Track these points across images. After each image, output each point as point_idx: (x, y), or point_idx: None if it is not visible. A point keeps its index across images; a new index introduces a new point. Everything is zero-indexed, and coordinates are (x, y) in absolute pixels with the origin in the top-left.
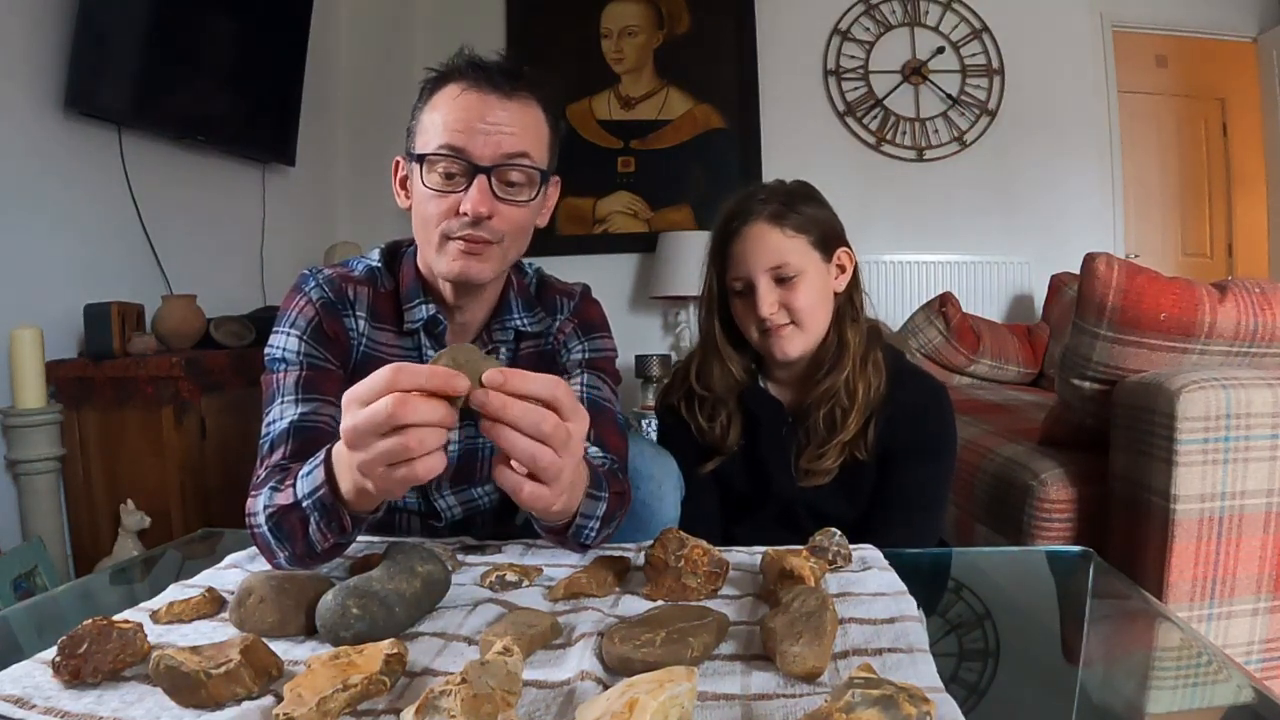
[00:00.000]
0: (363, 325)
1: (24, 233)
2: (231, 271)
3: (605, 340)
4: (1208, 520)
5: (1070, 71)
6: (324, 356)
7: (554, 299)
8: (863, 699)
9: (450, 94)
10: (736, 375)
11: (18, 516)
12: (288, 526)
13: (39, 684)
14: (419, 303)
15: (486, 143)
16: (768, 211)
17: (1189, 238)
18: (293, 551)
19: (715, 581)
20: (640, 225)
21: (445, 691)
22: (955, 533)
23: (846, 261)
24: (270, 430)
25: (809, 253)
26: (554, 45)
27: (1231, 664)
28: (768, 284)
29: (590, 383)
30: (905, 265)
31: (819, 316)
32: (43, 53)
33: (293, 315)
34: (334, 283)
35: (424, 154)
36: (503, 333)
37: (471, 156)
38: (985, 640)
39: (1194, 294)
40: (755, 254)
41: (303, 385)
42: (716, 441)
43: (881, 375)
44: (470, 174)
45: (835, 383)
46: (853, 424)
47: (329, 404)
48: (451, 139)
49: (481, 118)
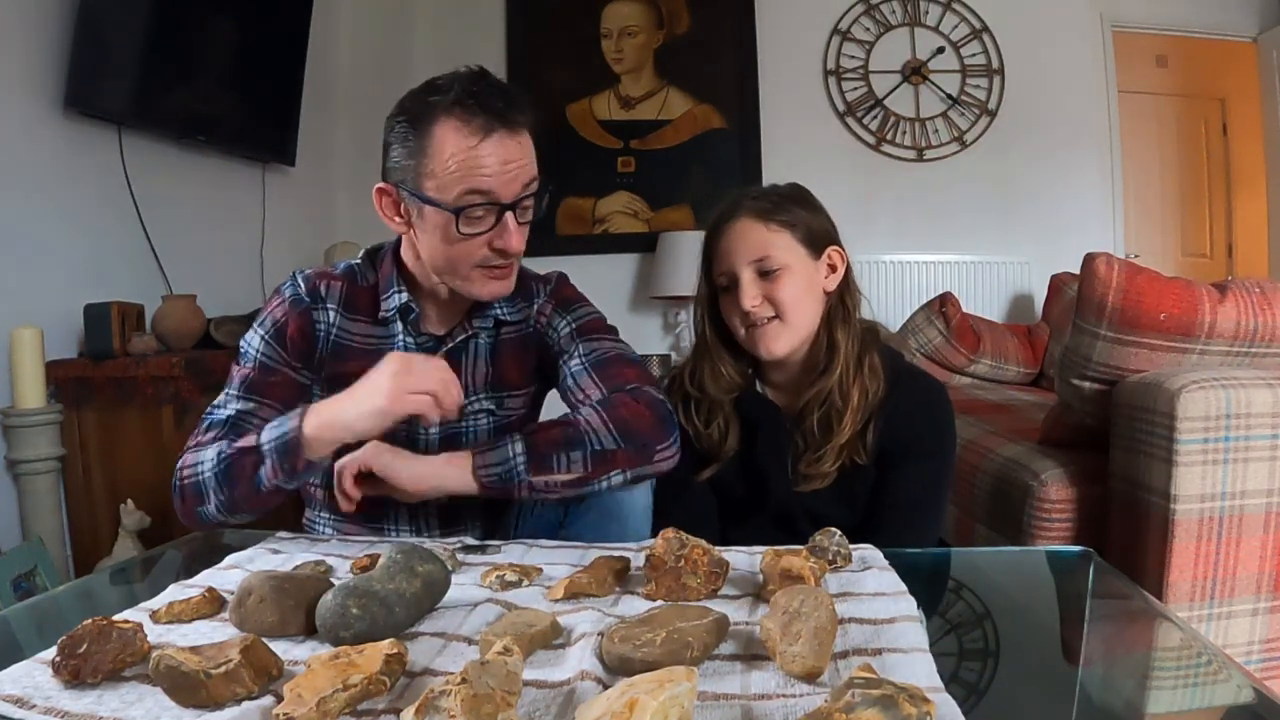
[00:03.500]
0: (333, 316)
1: (24, 233)
2: (231, 271)
3: (587, 307)
4: (1208, 520)
5: (1070, 71)
6: (279, 357)
7: (530, 286)
8: (863, 699)
9: (460, 135)
10: (730, 378)
11: (18, 516)
12: (237, 469)
13: (39, 684)
14: (394, 292)
15: (512, 182)
16: (754, 208)
17: (1189, 238)
18: (230, 496)
19: (715, 581)
20: (640, 225)
21: (445, 691)
22: (955, 533)
23: (838, 261)
24: (214, 413)
25: (794, 247)
26: (554, 45)
27: (1231, 664)
28: (750, 276)
29: (587, 349)
30: (905, 265)
31: (804, 312)
32: (43, 53)
33: (264, 315)
34: (310, 280)
35: (455, 208)
36: (483, 320)
37: (500, 198)
38: (985, 640)
39: (1194, 294)
40: (738, 247)
41: (249, 385)
42: (713, 446)
43: (879, 379)
44: (496, 211)
45: (828, 385)
46: (848, 427)
47: (266, 406)
48: (481, 185)
49: (504, 160)
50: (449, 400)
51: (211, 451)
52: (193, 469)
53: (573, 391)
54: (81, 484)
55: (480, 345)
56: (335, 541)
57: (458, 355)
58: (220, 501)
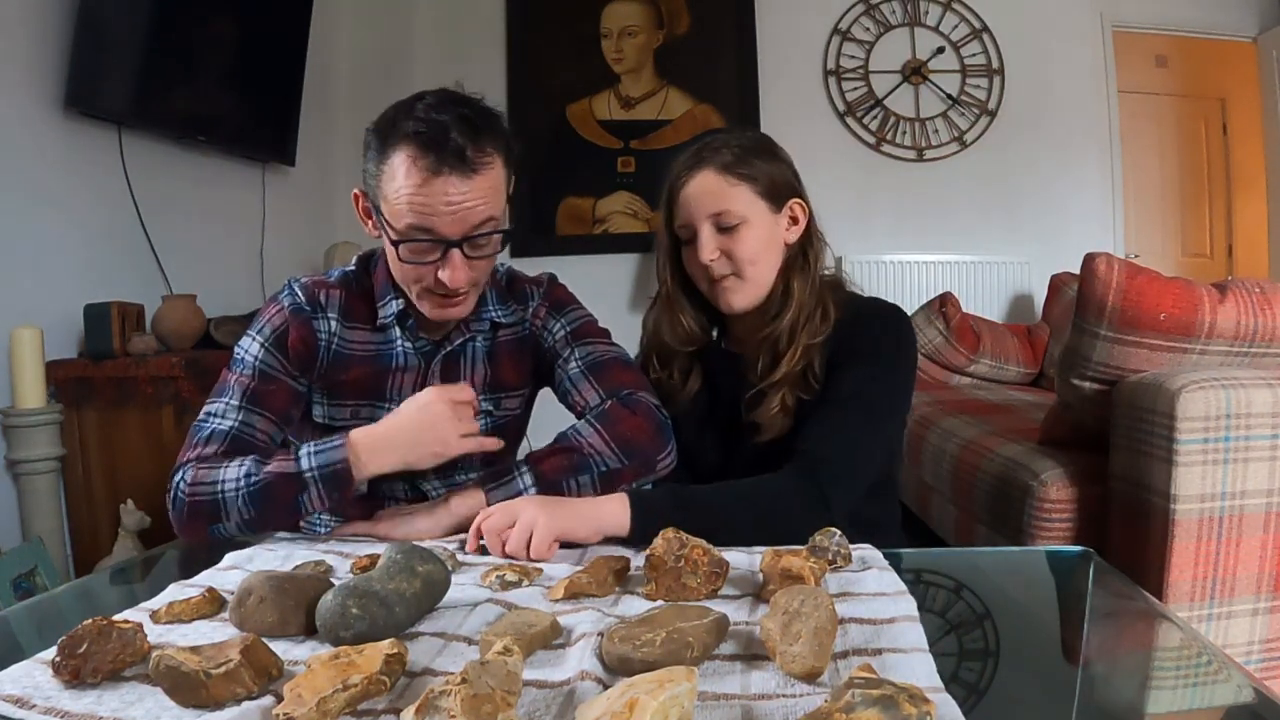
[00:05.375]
0: (334, 325)
1: (24, 233)
2: (231, 271)
3: (579, 310)
4: (1208, 520)
5: (1070, 71)
6: (279, 366)
7: (524, 289)
8: (863, 699)
9: (405, 168)
10: (689, 329)
11: (18, 516)
12: (274, 493)
13: (39, 684)
14: (390, 299)
15: (454, 221)
16: (716, 161)
17: (1189, 238)
18: (260, 517)
19: (715, 581)
20: (640, 225)
21: (445, 691)
22: (955, 533)
23: (799, 213)
24: (210, 422)
25: (754, 201)
26: (554, 45)
27: (1231, 664)
28: (709, 231)
29: (584, 352)
30: (905, 265)
31: (762, 267)
32: (43, 53)
33: (262, 322)
34: (308, 289)
35: (397, 239)
36: (478, 323)
37: (441, 234)
38: (985, 640)
39: (1194, 294)
40: (698, 201)
41: (249, 395)
42: (673, 391)
43: (830, 320)
44: (443, 246)
45: (777, 329)
46: (784, 365)
47: (267, 419)
48: (419, 220)
49: (449, 203)
50: (489, 443)
51: (235, 472)
52: (210, 487)
53: (570, 394)
54: (81, 484)
55: (478, 348)
56: (335, 541)
57: (456, 358)
58: (245, 521)
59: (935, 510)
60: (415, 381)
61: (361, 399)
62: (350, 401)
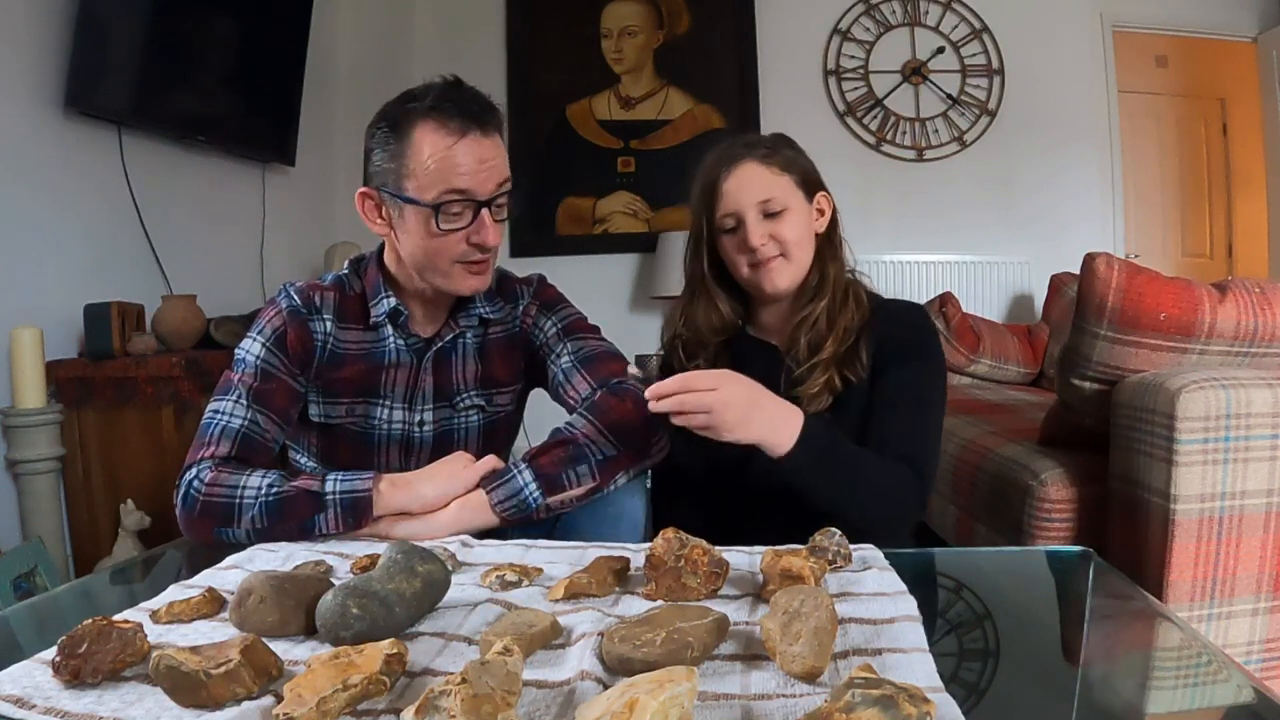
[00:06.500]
0: (329, 326)
1: (24, 232)
2: (231, 271)
3: (569, 308)
4: (1208, 520)
5: (1070, 71)
6: (281, 365)
7: (514, 288)
8: (863, 699)
9: (438, 136)
10: (723, 316)
11: (18, 516)
12: (290, 508)
13: (39, 684)
14: (382, 298)
15: (486, 180)
16: (756, 153)
17: (1189, 238)
18: (270, 527)
19: (715, 581)
20: (640, 225)
21: (445, 691)
22: (955, 533)
23: (825, 205)
24: (219, 421)
25: (794, 190)
26: (554, 45)
27: (1231, 664)
28: (756, 217)
29: (575, 347)
30: (905, 265)
31: (805, 249)
32: (43, 53)
33: (262, 324)
34: (303, 292)
35: (434, 204)
36: (467, 319)
37: (476, 195)
38: (985, 640)
39: (1194, 294)
40: (745, 189)
41: (254, 394)
42: None
43: (864, 305)
44: (474, 208)
45: (817, 310)
46: (831, 343)
47: (270, 418)
48: (459, 183)
49: (480, 159)
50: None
51: (257, 480)
52: (229, 490)
53: (563, 388)
54: (81, 484)
55: (468, 344)
56: (335, 541)
57: (447, 354)
58: (255, 529)
59: (935, 510)
60: (408, 378)
61: (356, 396)
62: (345, 399)
